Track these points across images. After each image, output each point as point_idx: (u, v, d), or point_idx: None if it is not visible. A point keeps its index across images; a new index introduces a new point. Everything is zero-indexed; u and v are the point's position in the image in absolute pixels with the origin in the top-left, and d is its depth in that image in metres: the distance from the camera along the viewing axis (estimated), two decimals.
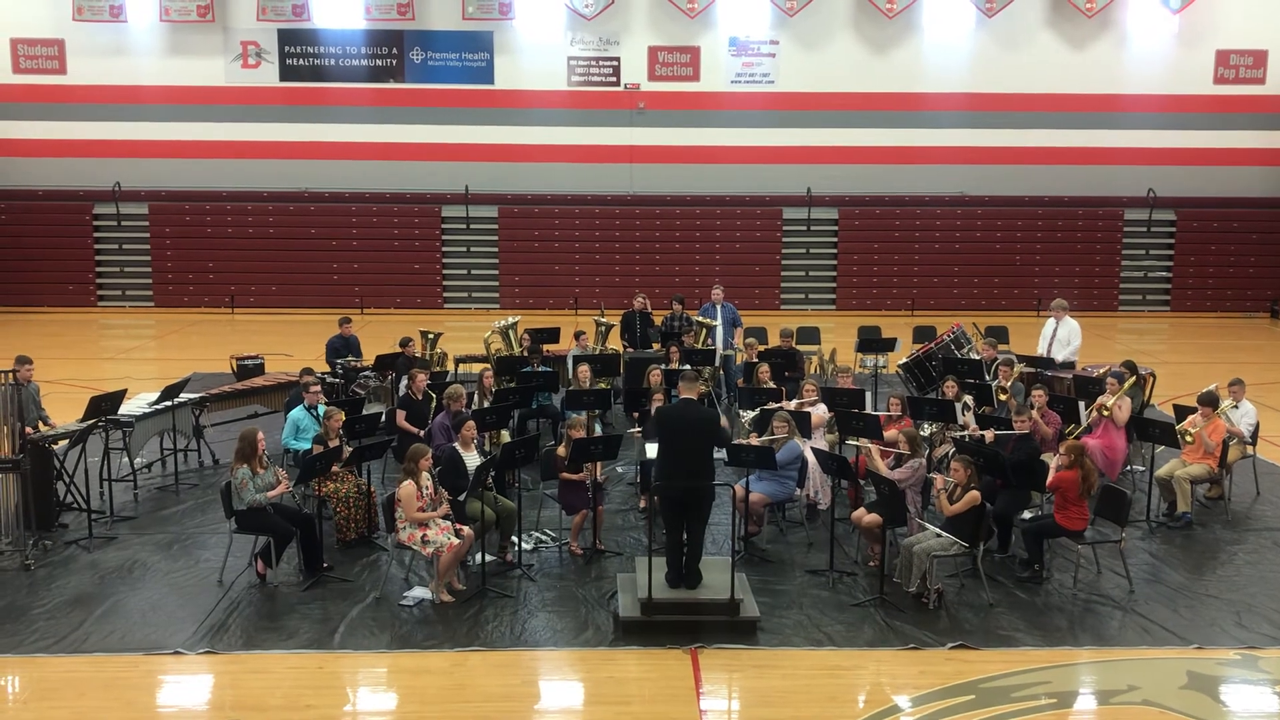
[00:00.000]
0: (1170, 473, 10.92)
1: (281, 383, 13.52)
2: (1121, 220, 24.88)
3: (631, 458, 11.94)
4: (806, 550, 9.97)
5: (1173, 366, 18.29)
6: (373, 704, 7.49)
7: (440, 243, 24.74)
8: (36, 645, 8.00)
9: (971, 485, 8.85)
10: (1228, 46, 24.27)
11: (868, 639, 8.19)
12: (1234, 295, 24.97)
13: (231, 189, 24.33)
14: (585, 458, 9.54)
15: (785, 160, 24.37)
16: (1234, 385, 11.64)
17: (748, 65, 24.25)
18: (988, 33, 24.16)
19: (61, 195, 24.25)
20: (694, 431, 8.49)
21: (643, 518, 10.54)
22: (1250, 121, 24.45)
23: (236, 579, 9.13)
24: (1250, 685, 7.70)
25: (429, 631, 8.26)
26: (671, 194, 24.61)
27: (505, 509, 9.62)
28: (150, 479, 11.95)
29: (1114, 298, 24.99)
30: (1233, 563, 9.84)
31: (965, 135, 24.32)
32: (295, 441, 10.91)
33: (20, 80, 23.88)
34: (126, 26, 23.67)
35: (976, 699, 7.34)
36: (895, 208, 24.74)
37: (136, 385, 13.47)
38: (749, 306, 20.73)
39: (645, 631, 8.14)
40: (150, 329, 22.78)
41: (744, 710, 7.39)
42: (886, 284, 24.74)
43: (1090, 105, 24.19)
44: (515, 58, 24.16)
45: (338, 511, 9.89)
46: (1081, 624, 8.50)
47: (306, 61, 24.07)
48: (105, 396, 10.94)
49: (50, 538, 9.98)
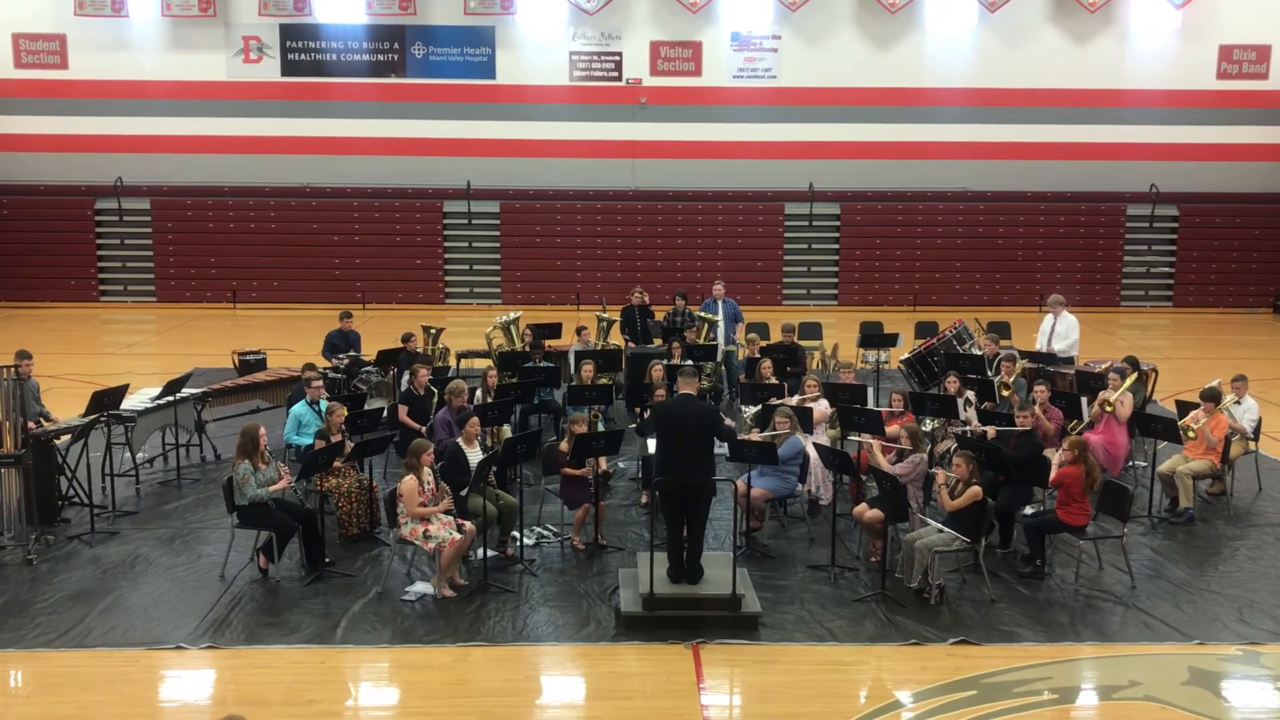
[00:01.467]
0: (1172, 468, 10.91)
1: (283, 378, 13.53)
2: (1124, 215, 24.82)
3: (633, 453, 11.95)
4: (808, 546, 9.98)
5: (1175, 362, 18.27)
6: (375, 699, 7.49)
7: (442, 238, 24.72)
8: (39, 640, 8.02)
9: (973, 481, 8.85)
10: (1231, 41, 24.19)
11: (869, 634, 8.20)
12: (1236, 291, 24.90)
13: (233, 184, 24.33)
14: (587, 453, 9.54)
15: (787, 155, 24.31)
16: (1236, 381, 11.64)
17: (750, 60, 24.20)
18: (990, 28, 24.10)
19: (63, 190, 24.24)
20: (692, 427, 8.48)
21: (644, 513, 10.55)
22: (1253, 117, 24.37)
23: (238, 574, 9.15)
24: (1252, 680, 7.70)
25: (431, 626, 8.27)
26: (673, 189, 24.57)
27: (507, 504, 9.64)
28: (152, 474, 11.96)
29: (1116, 293, 24.94)
30: (1234, 558, 9.84)
31: (968, 130, 24.25)
32: (297, 437, 10.92)
33: (22, 75, 23.85)
34: (128, 21, 23.63)
35: (978, 694, 7.35)
36: (897, 203, 24.69)
37: (139, 380, 13.51)
38: (751, 302, 20.72)
39: (647, 626, 8.15)
40: (152, 324, 22.78)
41: (745, 705, 7.40)
42: (889, 279, 24.70)
43: (1093, 100, 24.13)
44: (517, 53, 24.12)
45: (340, 507, 9.91)
46: (1083, 619, 8.51)
47: (308, 56, 24.03)
48: (107, 391, 10.97)
49: (52, 532, 10.00)
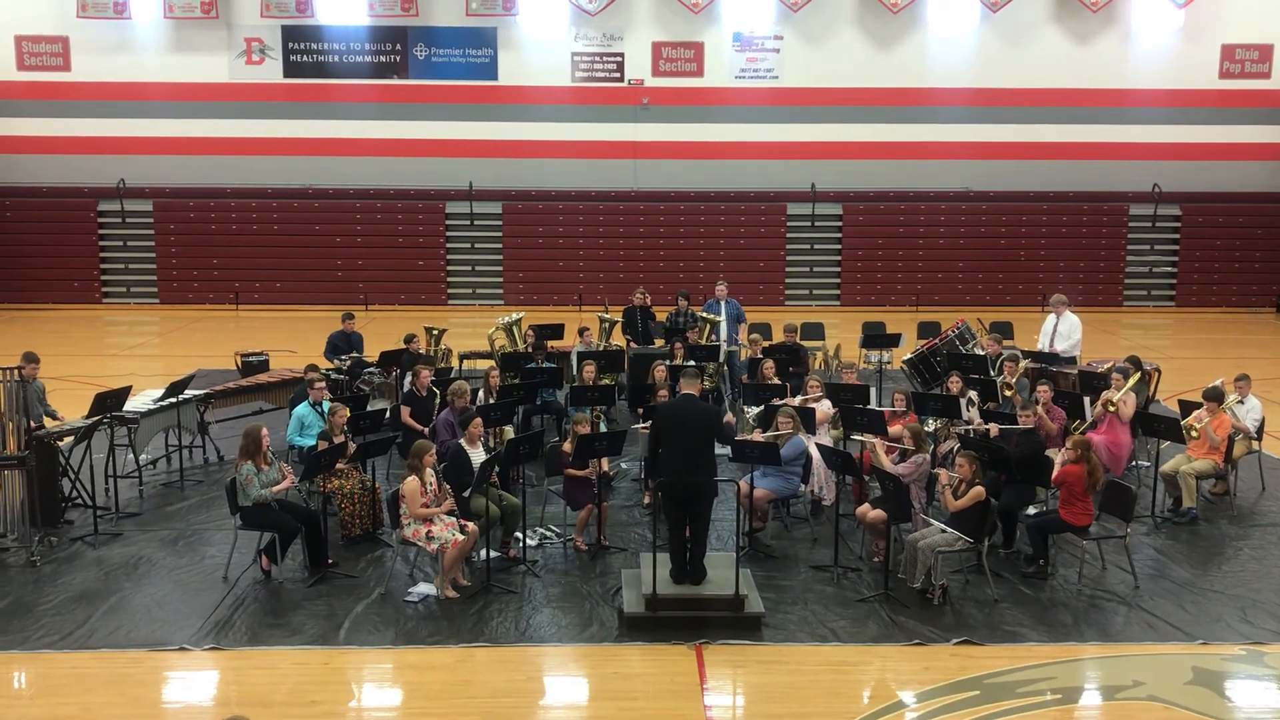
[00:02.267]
0: (1175, 468, 10.90)
1: (286, 379, 13.55)
2: (1126, 215, 24.81)
3: (636, 454, 11.95)
4: (811, 546, 9.97)
5: (1178, 362, 18.26)
6: (378, 700, 7.49)
7: (444, 239, 24.73)
8: (43, 641, 8.02)
9: (976, 481, 8.85)
10: (1233, 41, 24.18)
11: (872, 635, 8.19)
12: (1239, 290, 24.90)
13: (236, 185, 24.34)
14: (590, 454, 9.54)
15: (789, 156, 24.32)
16: (1239, 380, 11.63)
17: (752, 60, 24.21)
18: (992, 27, 24.10)
19: (66, 192, 24.27)
20: (695, 427, 8.49)
21: (647, 514, 10.55)
22: (1256, 116, 24.36)
23: (241, 575, 9.15)
24: (1255, 681, 7.69)
25: (434, 627, 8.27)
26: (675, 189, 24.58)
27: (510, 505, 9.64)
28: (155, 475, 11.97)
29: (1119, 293, 24.93)
30: (1238, 558, 9.83)
31: (970, 130, 24.24)
32: (300, 438, 10.93)
33: (25, 77, 23.89)
34: (130, 23, 23.67)
35: (981, 694, 7.34)
36: (900, 203, 24.68)
37: (141, 382, 13.52)
38: (753, 302, 20.70)
39: (650, 627, 8.15)
40: (155, 326, 22.80)
41: (748, 706, 7.40)
42: (891, 279, 24.69)
43: (1095, 100, 24.12)
44: (519, 53, 24.14)
45: (342, 508, 9.91)
46: (1086, 619, 8.50)
47: (310, 58, 24.05)
48: (110, 393, 10.97)
49: (56, 534, 10.01)
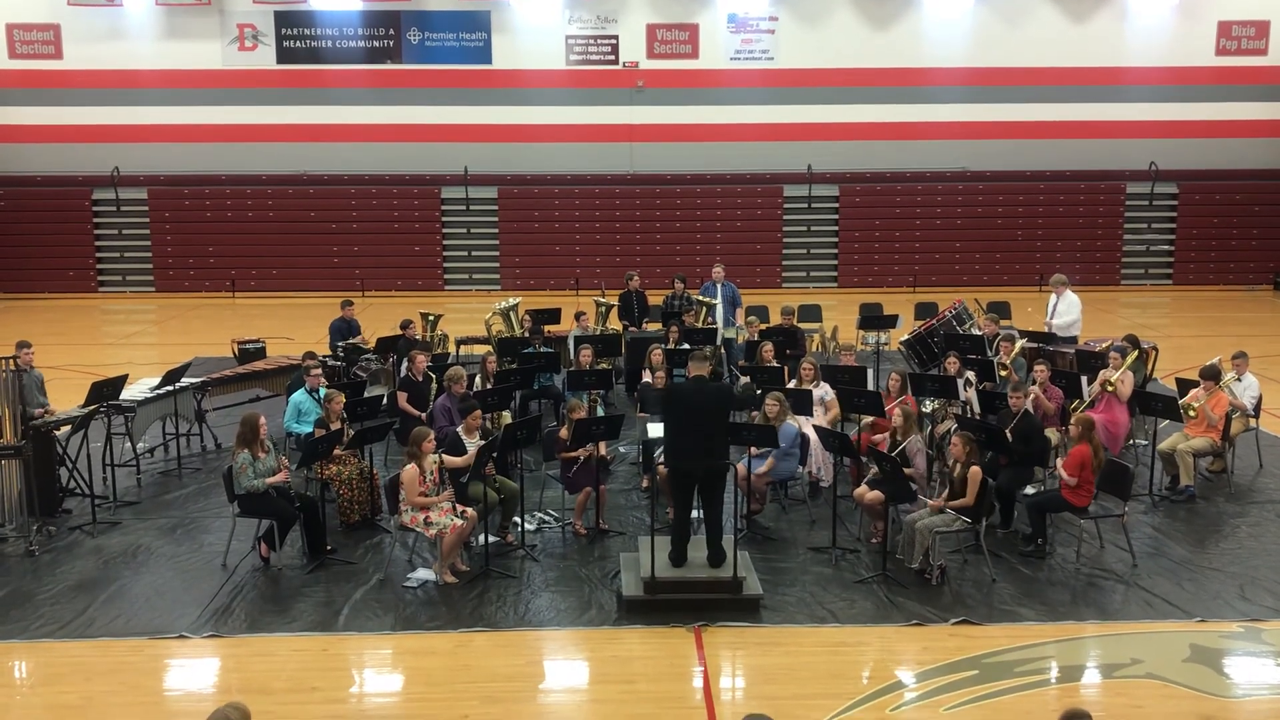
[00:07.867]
0: (1173, 446, 10.91)
1: (283, 366, 13.51)
2: (1123, 194, 24.77)
3: (634, 437, 11.95)
4: (809, 528, 9.98)
5: (1175, 340, 18.26)
6: (378, 685, 7.50)
7: (440, 224, 24.68)
8: (42, 630, 8.03)
9: (972, 461, 8.84)
10: (1229, 17, 24.10)
11: (871, 615, 8.21)
12: (1236, 268, 24.88)
13: (230, 173, 24.27)
14: (587, 438, 9.54)
15: (785, 137, 24.26)
16: (1237, 358, 11.62)
17: (747, 42, 24.11)
18: (988, 6, 24.00)
19: (60, 181, 24.19)
20: (708, 409, 8.49)
21: (645, 497, 10.56)
22: (1252, 93, 24.31)
23: (240, 562, 9.16)
24: (1253, 657, 7.71)
25: (433, 613, 8.28)
26: (671, 172, 24.52)
27: (508, 490, 9.64)
28: (153, 464, 11.96)
29: (1116, 272, 24.91)
30: (1235, 536, 9.84)
31: (966, 110, 24.20)
32: (297, 425, 10.91)
33: (16, 65, 23.80)
34: (122, 10, 23.56)
35: (980, 674, 7.36)
36: (896, 184, 24.63)
37: (138, 370, 13.51)
38: (750, 285, 20.70)
39: (648, 610, 8.16)
40: (151, 314, 22.78)
41: (748, 688, 7.41)
42: (888, 261, 24.66)
43: (1091, 78, 24.05)
44: (513, 37, 24.04)
45: (340, 494, 9.91)
46: (1084, 598, 8.51)
47: (303, 44, 23.94)
48: (107, 382, 10.94)
49: (54, 523, 10.01)
